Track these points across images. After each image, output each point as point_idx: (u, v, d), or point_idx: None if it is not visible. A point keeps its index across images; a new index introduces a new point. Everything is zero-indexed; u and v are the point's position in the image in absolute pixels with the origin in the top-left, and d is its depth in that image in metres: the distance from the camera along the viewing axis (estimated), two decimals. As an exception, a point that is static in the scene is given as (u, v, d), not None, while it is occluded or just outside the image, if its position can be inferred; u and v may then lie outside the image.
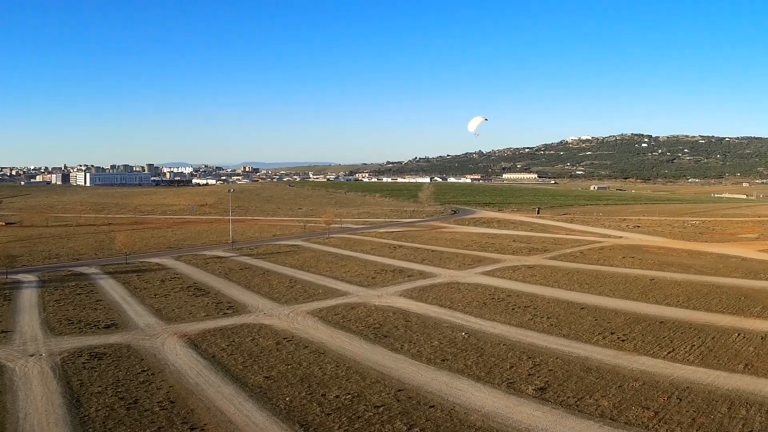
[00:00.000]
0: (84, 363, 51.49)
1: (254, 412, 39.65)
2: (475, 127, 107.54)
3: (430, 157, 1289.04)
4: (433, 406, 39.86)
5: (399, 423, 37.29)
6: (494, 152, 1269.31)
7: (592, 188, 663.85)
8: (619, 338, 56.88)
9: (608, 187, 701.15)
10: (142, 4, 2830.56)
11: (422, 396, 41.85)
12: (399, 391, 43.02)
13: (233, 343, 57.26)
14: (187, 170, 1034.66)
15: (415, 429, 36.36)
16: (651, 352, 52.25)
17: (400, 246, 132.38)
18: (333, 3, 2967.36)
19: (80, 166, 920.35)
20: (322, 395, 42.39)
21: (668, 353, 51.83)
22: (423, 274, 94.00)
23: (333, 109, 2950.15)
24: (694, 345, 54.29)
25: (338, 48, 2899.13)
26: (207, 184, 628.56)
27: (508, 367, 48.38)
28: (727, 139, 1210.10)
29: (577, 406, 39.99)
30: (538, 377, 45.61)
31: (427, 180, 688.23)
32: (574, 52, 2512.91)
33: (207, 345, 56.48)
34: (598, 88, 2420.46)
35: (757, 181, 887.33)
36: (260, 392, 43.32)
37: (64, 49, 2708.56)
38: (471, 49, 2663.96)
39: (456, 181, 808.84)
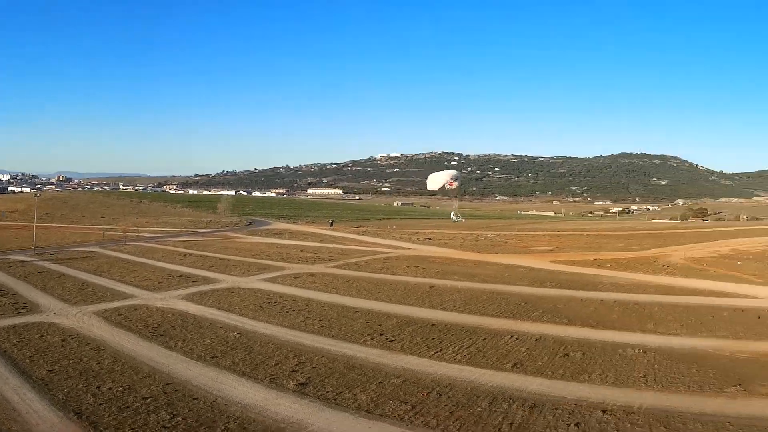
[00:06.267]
0: None
1: (35, 401, 41.19)
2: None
3: (238, 170, 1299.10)
4: (196, 398, 42.15)
5: (163, 413, 39.48)
6: (301, 167, 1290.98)
7: (395, 204, 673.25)
8: (387, 339, 59.46)
9: (413, 204, 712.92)
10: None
11: (188, 389, 44.10)
12: (167, 384, 45.14)
13: (23, 339, 58.05)
14: (5, 177, 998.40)
15: (178, 418, 38.61)
16: (418, 352, 54.75)
17: (191, 254, 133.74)
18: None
19: None
20: (96, 387, 44.12)
21: (435, 353, 54.43)
22: (207, 280, 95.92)
23: (143, 119, 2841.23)
24: (463, 345, 57.07)
25: (151, 53, 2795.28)
26: (22, 192, 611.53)
27: (273, 364, 50.80)
28: (540, 158, 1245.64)
29: (334, 399, 42.49)
30: (301, 373, 48.00)
31: (231, 193, 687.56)
32: (382, 69, 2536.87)
33: (0, 341, 57.38)
34: (409, 107, 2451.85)
35: (568, 199, 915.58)
36: (43, 384, 44.65)
37: None
38: (281, 66, 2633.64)
39: (261, 195, 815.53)
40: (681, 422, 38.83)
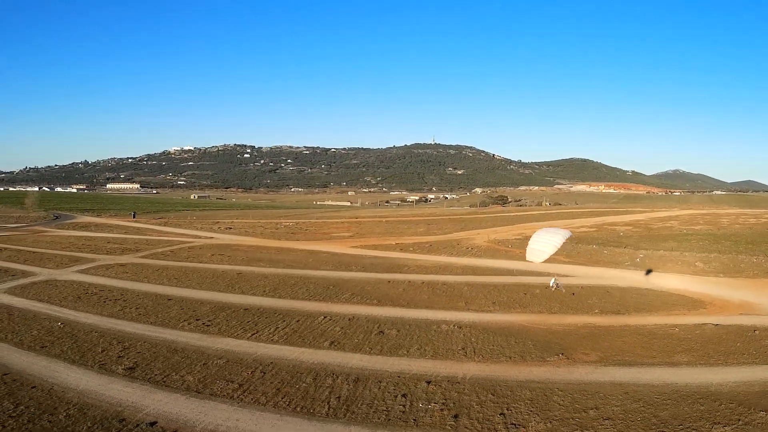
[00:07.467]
0: None
1: None
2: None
3: (40, 167, 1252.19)
4: (35, 387, 41.78)
5: (7, 403, 39.12)
6: (99, 162, 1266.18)
7: (192, 197, 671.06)
8: (204, 323, 59.96)
9: (209, 197, 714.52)
10: None
11: (25, 378, 43.53)
12: (5, 374, 44.48)
13: None
14: None
15: (21, 407, 38.33)
16: (235, 335, 55.62)
17: (6, 248, 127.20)
18: None
19: None
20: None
21: (252, 335, 55.37)
22: (26, 273, 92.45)
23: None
24: (278, 327, 58.10)
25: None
26: None
27: (99, 351, 50.52)
28: (332, 149, 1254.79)
29: (164, 381, 42.95)
30: (127, 359, 48.07)
31: (35, 189, 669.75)
32: (168, 62, 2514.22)
33: None
34: (199, 99, 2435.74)
35: (363, 189, 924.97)
36: None
37: None
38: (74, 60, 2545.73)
39: (63, 191, 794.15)
40: (509, 390, 41.00)
